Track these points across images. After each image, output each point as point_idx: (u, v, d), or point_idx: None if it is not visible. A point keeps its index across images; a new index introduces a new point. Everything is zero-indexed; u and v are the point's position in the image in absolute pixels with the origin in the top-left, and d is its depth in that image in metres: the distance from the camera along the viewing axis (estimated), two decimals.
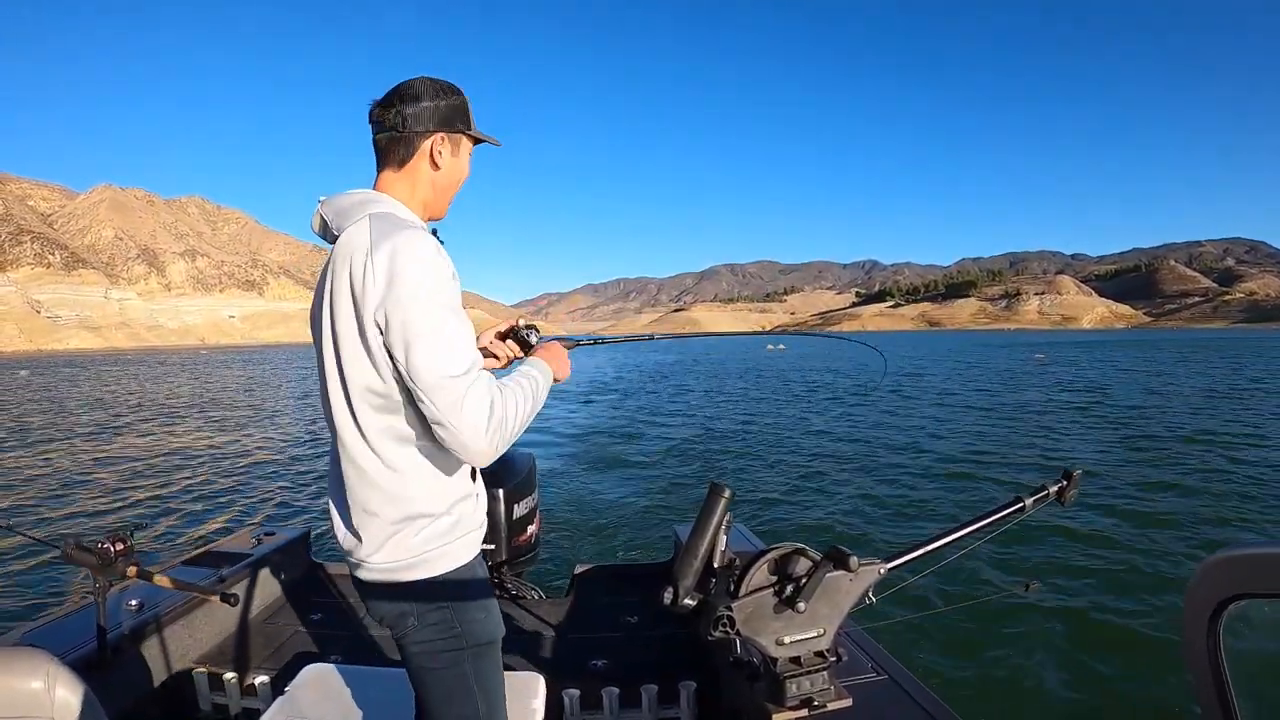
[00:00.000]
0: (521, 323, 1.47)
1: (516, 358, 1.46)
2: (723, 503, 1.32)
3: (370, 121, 1.23)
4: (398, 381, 1.12)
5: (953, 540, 1.37)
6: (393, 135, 1.20)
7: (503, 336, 1.48)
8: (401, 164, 1.22)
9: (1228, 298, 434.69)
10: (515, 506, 2.95)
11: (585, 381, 25.87)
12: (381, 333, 1.08)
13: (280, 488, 8.53)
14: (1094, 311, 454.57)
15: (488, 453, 1.08)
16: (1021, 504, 1.38)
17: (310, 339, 1.28)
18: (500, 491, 2.90)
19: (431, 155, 1.22)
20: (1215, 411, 14.76)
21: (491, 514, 2.85)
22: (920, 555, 1.36)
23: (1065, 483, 1.40)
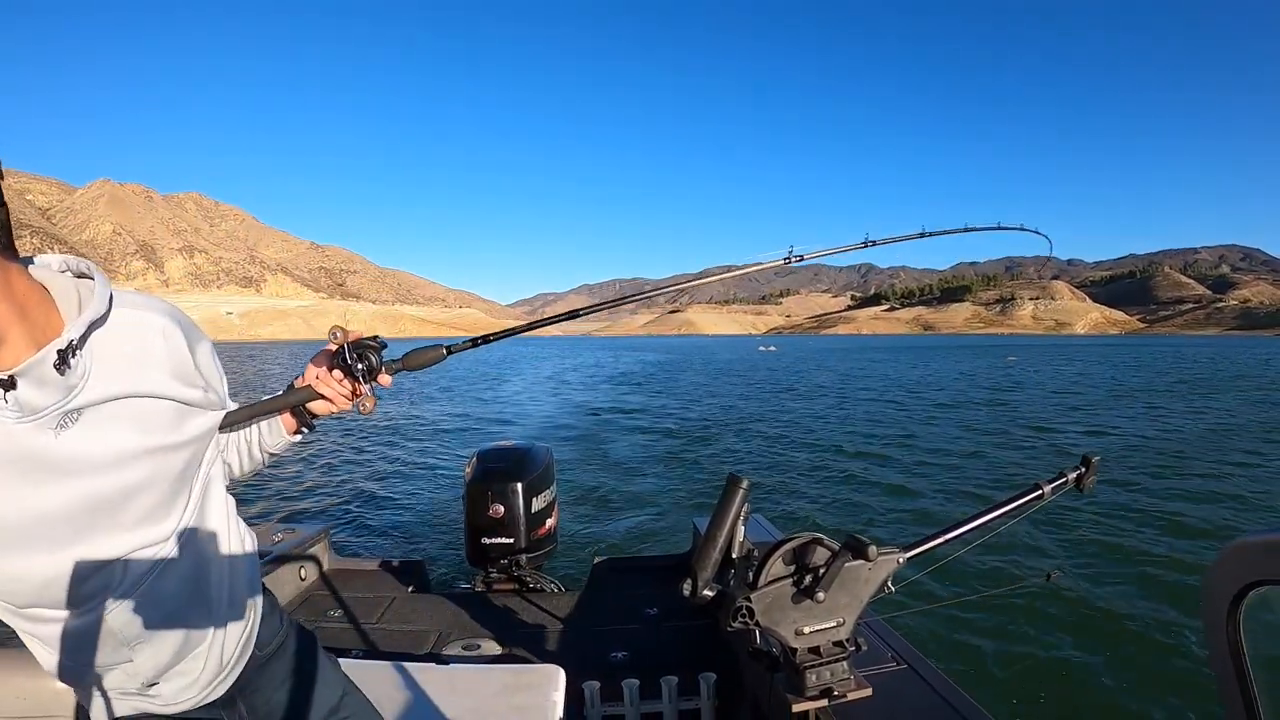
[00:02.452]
0: (349, 340, 1.00)
1: (356, 395, 1.02)
2: (741, 493, 1.31)
3: None
4: None
5: (971, 529, 1.36)
6: None
7: (332, 365, 1.01)
8: None
9: (1221, 305, 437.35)
10: (534, 499, 2.97)
11: (591, 376, 25.88)
12: None
13: (299, 485, 8.49)
14: (1088, 317, 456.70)
15: None
16: (1040, 491, 1.37)
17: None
18: (519, 484, 2.93)
19: None
20: (1232, 405, 14.90)
21: (510, 507, 2.92)
22: (939, 544, 1.35)
23: (1084, 469, 1.39)
